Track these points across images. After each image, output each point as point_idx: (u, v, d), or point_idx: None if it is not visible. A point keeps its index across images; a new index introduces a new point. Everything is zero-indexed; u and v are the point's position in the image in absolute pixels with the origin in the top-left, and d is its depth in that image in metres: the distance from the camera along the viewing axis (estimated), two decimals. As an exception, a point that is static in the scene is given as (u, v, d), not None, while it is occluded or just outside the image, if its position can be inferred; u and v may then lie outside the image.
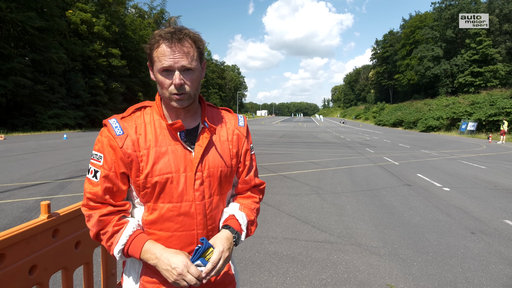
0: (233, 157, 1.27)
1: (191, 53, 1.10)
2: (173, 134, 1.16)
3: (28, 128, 27.91)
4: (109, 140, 1.13)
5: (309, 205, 6.01)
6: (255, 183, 1.35)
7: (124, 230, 1.11)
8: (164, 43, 1.07)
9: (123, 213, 1.17)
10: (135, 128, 1.16)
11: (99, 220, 1.11)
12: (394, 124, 53.60)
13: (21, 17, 25.99)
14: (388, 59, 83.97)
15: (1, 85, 25.38)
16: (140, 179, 1.12)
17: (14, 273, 1.43)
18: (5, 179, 7.49)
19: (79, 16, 34.69)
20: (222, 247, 1.12)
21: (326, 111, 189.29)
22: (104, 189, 1.12)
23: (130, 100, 45.42)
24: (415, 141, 24.54)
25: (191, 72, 1.11)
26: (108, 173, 1.12)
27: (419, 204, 6.32)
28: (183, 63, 1.08)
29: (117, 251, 1.11)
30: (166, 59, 1.07)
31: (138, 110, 1.23)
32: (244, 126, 1.34)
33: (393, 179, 8.85)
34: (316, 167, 10.46)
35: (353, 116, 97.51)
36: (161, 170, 1.12)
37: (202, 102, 1.27)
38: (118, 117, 1.18)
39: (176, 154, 1.15)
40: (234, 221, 1.22)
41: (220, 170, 1.21)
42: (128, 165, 1.13)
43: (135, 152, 1.12)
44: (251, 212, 1.29)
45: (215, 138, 1.23)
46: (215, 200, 1.21)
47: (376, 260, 3.79)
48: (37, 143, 16.98)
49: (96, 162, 1.14)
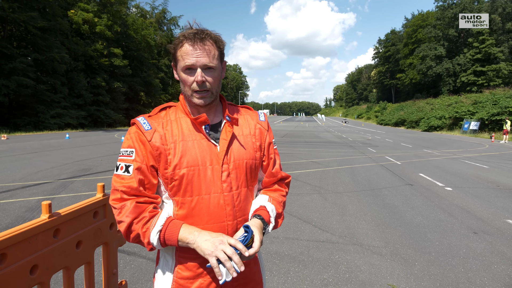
0: (257, 150, 1.31)
1: (212, 52, 1.16)
2: (198, 128, 1.21)
3: (30, 127, 28.02)
4: (138, 135, 1.18)
5: (310, 205, 6.01)
6: (281, 176, 1.39)
7: (161, 214, 1.14)
8: (187, 43, 1.14)
9: (155, 204, 1.18)
10: (162, 124, 1.21)
11: (136, 206, 1.12)
12: (396, 123, 53.45)
13: (24, 17, 26.08)
14: (390, 58, 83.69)
15: (3, 85, 25.45)
16: (168, 171, 1.16)
17: (15, 272, 1.43)
18: (8, 179, 7.52)
19: (81, 16, 34.78)
20: (261, 237, 1.15)
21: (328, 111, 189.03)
22: (138, 181, 1.14)
23: (132, 100, 45.51)
24: (417, 140, 24.47)
25: (212, 70, 1.17)
26: (140, 165, 1.16)
27: (421, 203, 6.31)
28: (205, 61, 1.14)
29: (154, 233, 1.10)
30: (188, 57, 1.13)
31: (163, 109, 1.28)
32: (265, 121, 1.39)
33: (395, 178, 8.83)
34: (318, 167, 10.45)
35: (355, 116, 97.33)
36: (188, 163, 1.16)
37: (223, 101, 1.33)
38: (145, 116, 1.24)
39: (202, 147, 1.19)
40: (265, 211, 1.25)
41: (246, 162, 1.24)
42: (156, 158, 1.16)
43: (163, 146, 1.17)
44: (279, 205, 1.31)
45: (238, 132, 1.28)
46: (243, 192, 1.24)
47: (377, 260, 3.78)
48: (40, 142, 17.04)
49: (127, 157, 1.17)
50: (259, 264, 1.37)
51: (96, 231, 2.08)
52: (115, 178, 1.18)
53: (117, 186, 1.15)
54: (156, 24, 56.34)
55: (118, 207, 1.13)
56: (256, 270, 1.33)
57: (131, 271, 3.37)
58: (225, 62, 1.28)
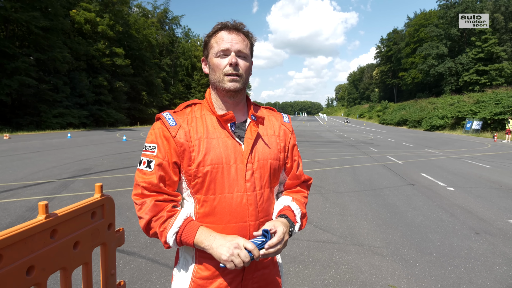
0: (281, 151, 1.30)
1: (246, 42, 1.21)
2: (223, 126, 1.21)
3: (32, 127, 28.11)
4: (162, 131, 1.18)
5: (311, 205, 5.98)
6: (304, 179, 1.39)
7: (179, 215, 1.13)
8: (223, 30, 1.20)
9: (175, 203, 1.18)
10: (187, 120, 1.21)
11: (154, 205, 1.13)
12: (398, 123, 53.32)
13: (26, 17, 26.16)
14: (392, 58, 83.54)
15: (6, 84, 25.55)
16: (192, 168, 1.15)
17: (11, 274, 1.42)
18: (9, 178, 7.53)
19: (83, 16, 34.89)
20: (284, 228, 1.13)
21: (330, 110, 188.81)
22: (159, 177, 1.14)
23: (134, 99, 45.60)
24: (420, 140, 24.39)
25: (245, 59, 1.20)
26: (162, 161, 1.16)
27: (422, 203, 6.27)
28: (238, 47, 1.18)
29: (171, 234, 1.11)
30: (224, 42, 1.17)
31: (188, 106, 1.28)
32: (289, 122, 1.40)
33: (396, 178, 8.79)
34: (319, 166, 10.42)
35: (357, 115, 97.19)
36: (213, 160, 1.15)
37: (248, 100, 1.34)
38: (170, 111, 1.24)
39: (226, 145, 1.18)
40: (290, 211, 1.24)
41: (270, 162, 1.24)
42: (180, 154, 1.16)
43: (187, 142, 1.16)
44: (302, 206, 1.31)
45: (262, 132, 1.27)
46: (266, 193, 1.23)
47: (378, 260, 3.76)
48: (42, 142, 17.08)
49: (150, 153, 1.18)
50: (278, 266, 1.35)
51: (94, 232, 2.06)
52: (137, 172, 1.19)
53: (139, 181, 1.16)
54: (158, 24, 56.41)
55: (139, 203, 1.15)
56: (275, 272, 1.32)
57: (131, 271, 3.36)
58: (252, 62, 1.28)
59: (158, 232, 1.13)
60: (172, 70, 60.97)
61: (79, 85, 34.03)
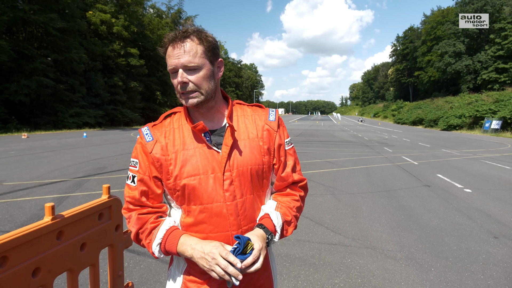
0: (265, 153, 1.23)
1: (194, 50, 1.10)
2: (198, 136, 1.18)
3: (50, 126, 28.74)
4: (142, 147, 1.19)
5: (323, 206, 5.90)
6: (293, 180, 1.29)
7: (161, 226, 1.14)
8: (170, 46, 1.12)
9: (160, 213, 1.20)
10: (165, 134, 1.20)
11: (138, 218, 1.16)
12: (414, 122, 52.45)
13: (44, 19, 26.73)
14: (408, 56, 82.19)
15: (25, 85, 26.18)
16: (170, 182, 1.15)
17: (17, 275, 1.42)
18: (26, 177, 7.69)
19: (99, 17, 35.43)
20: (260, 244, 1.08)
21: (344, 109, 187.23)
22: (140, 192, 1.17)
23: (148, 99, 46.11)
24: (436, 140, 23.89)
25: (196, 70, 1.11)
26: (142, 177, 1.18)
27: (438, 206, 6.11)
28: (183, 61, 1.09)
29: (155, 246, 1.13)
30: (170, 60, 1.11)
31: (168, 116, 1.27)
32: (275, 120, 1.29)
33: (411, 179, 8.60)
34: (332, 167, 10.30)
35: (372, 115, 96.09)
36: (189, 173, 1.14)
37: (229, 101, 1.28)
38: (150, 125, 1.24)
39: (203, 155, 1.15)
40: (268, 220, 1.19)
41: (250, 168, 1.18)
42: (158, 169, 1.17)
43: (163, 156, 1.16)
44: (288, 211, 1.24)
45: (243, 136, 1.21)
46: (249, 200, 1.19)
47: (391, 264, 3.66)
48: (58, 141, 17.43)
49: (133, 168, 1.21)
50: (270, 269, 1.32)
51: (101, 233, 2.06)
52: (125, 187, 1.23)
53: (125, 195, 1.21)
54: (172, 24, 56.86)
55: (127, 217, 1.20)
56: (266, 276, 1.28)
57: (140, 272, 3.36)
58: (221, 61, 1.21)
59: (145, 244, 1.16)
60: (186, 70, 61.36)
61: (95, 85, 34.60)
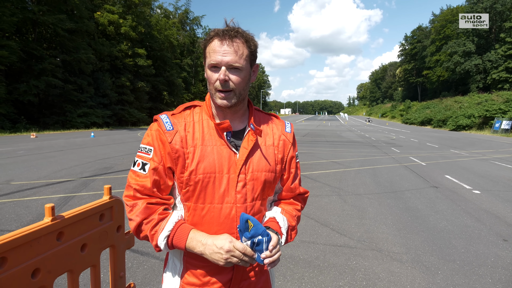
0: (278, 162, 1.25)
1: (241, 51, 1.10)
2: (219, 134, 1.17)
3: (58, 126, 29.06)
4: (159, 134, 1.14)
5: (329, 207, 5.85)
6: (299, 192, 1.33)
7: (170, 218, 1.11)
8: (216, 38, 1.10)
9: (167, 206, 1.17)
10: (184, 125, 1.17)
11: (146, 207, 1.10)
12: (422, 122, 51.96)
13: (52, 20, 27.05)
14: (416, 56, 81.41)
15: (34, 85, 26.52)
16: (185, 175, 1.13)
17: (16, 276, 1.40)
18: (33, 176, 7.77)
19: (107, 18, 35.75)
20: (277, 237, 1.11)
21: (351, 109, 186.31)
22: (153, 181, 1.12)
23: (155, 99, 46.37)
24: (444, 140, 23.61)
25: (238, 71, 1.11)
26: (157, 166, 1.13)
27: (446, 207, 6.02)
28: (230, 60, 1.08)
29: (162, 238, 1.09)
30: (215, 54, 1.09)
31: (188, 108, 1.24)
32: (291, 132, 1.32)
33: (419, 180, 8.50)
34: (338, 167, 10.23)
35: (379, 115, 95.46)
36: (205, 169, 1.12)
37: (250, 106, 1.28)
38: (168, 113, 1.19)
39: (221, 154, 1.14)
40: (275, 223, 1.20)
41: (264, 174, 1.19)
42: (174, 160, 1.13)
43: (182, 149, 1.13)
44: (292, 218, 1.26)
45: (260, 142, 1.22)
46: (257, 205, 1.19)
47: (397, 267, 3.60)
48: (66, 141, 17.60)
49: (145, 155, 1.15)
50: (268, 274, 1.30)
51: (102, 234, 2.05)
52: (131, 174, 1.16)
53: (131, 183, 1.14)
54: (179, 24, 57.12)
55: (130, 205, 1.13)
56: (265, 280, 1.27)
57: (144, 272, 3.35)
58: (257, 65, 1.22)
59: (149, 235, 1.11)
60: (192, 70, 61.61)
61: (102, 85, 34.89)
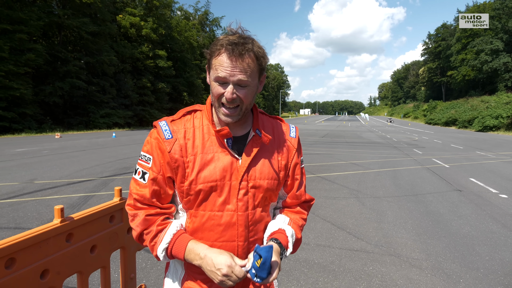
0: (281, 169, 1.21)
1: (251, 68, 1.05)
2: (220, 141, 1.13)
3: (82, 127, 29.94)
4: (158, 143, 1.12)
5: (346, 210, 5.73)
6: (305, 199, 1.30)
7: (168, 229, 1.10)
8: (225, 53, 1.03)
9: (167, 215, 1.15)
10: (184, 132, 1.13)
11: (145, 219, 1.10)
12: (446, 123, 50.49)
13: (77, 23, 27.93)
14: (441, 54, 79.08)
15: (59, 87, 27.45)
16: (185, 185, 1.11)
17: (25, 277, 1.42)
18: (55, 175, 7.99)
19: (128, 20, 36.53)
20: (278, 260, 1.07)
21: (373, 110, 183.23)
22: (152, 192, 1.11)
23: (175, 100, 47.02)
24: (470, 141, 22.82)
25: (246, 88, 1.07)
26: (156, 176, 1.11)
27: (470, 212, 5.78)
28: (240, 78, 1.03)
29: (161, 250, 1.08)
30: (223, 70, 1.03)
31: (188, 113, 1.20)
32: (296, 137, 1.28)
33: (441, 183, 8.22)
34: (357, 169, 10.03)
35: (401, 115, 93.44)
36: (206, 178, 1.10)
37: (255, 109, 1.23)
38: (168, 119, 1.17)
39: (223, 161, 1.12)
40: (283, 236, 1.16)
41: (267, 182, 1.16)
42: (174, 170, 1.11)
43: (182, 158, 1.11)
44: (298, 230, 1.23)
45: (264, 148, 1.18)
46: (258, 213, 1.17)
47: (416, 274, 3.47)
48: (88, 141, 18.08)
49: (145, 163, 1.13)
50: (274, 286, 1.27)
51: (112, 236, 2.05)
52: (132, 181, 1.16)
53: (132, 191, 1.14)
54: (199, 26, 57.71)
55: (131, 214, 1.13)
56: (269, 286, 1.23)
57: (157, 273, 3.37)
58: (264, 76, 1.16)
59: (149, 246, 1.11)
60: (212, 71, 62.08)
61: (124, 87, 35.69)
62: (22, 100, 25.05)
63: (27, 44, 24.94)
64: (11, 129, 24.04)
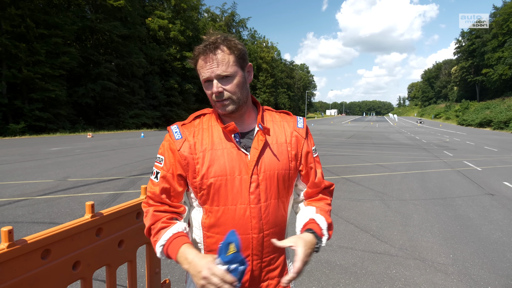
0: (292, 159, 1.25)
1: (226, 59, 1.13)
2: (228, 136, 1.19)
3: (112, 127, 31.02)
4: (169, 144, 1.20)
5: (370, 212, 5.64)
6: (325, 185, 1.33)
7: (170, 228, 1.14)
8: (200, 57, 1.15)
9: (175, 215, 1.21)
10: (194, 133, 1.21)
11: (153, 215, 1.17)
12: (480, 124, 48.31)
13: (108, 27, 29.00)
14: (475, 52, 75.72)
15: (91, 88, 28.59)
16: (197, 180, 1.16)
17: (59, 267, 1.53)
18: (87, 174, 8.36)
19: (157, 23, 37.50)
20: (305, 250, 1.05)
21: (402, 110, 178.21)
22: (161, 189, 1.18)
23: (202, 101, 47.75)
24: (505, 143, 21.74)
25: (230, 78, 1.14)
26: (165, 174, 1.19)
27: (502, 217, 5.54)
28: (218, 71, 1.12)
29: (158, 246, 1.14)
30: (204, 71, 1.14)
31: (197, 117, 1.29)
32: (303, 127, 1.32)
33: (472, 186, 7.91)
34: (383, 171, 9.83)
35: (432, 116, 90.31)
36: (216, 172, 1.14)
37: (259, 107, 1.30)
38: (179, 123, 1.26)
39: (231, 156, 1.17)
40: (315, 225, 1.18)
41: (277, 173, 1.19)
42: (184, 167, 1.17)
43: (191, 155, 1.17)
44: (327, 215, 1.25)
45: (271, 141, 1.23)
46: (272, 204, 1.19)
47: (441, 279, 3.39)
48: (118, 141, 18.72)
49: (158, 164, 1.22)
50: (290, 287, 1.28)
51: (139, 231, 2.15)
52: (149, 181, 1.25)
53: (148, 190, 1.22)
54: (225, 27, 58.32)
55: (144, 211, 1.21)
56: None
57: (181, 270, 3.47)
58: (250, 65, 1.24)
59: (152, 241, 1.17)
60: (237, 72, 62.58)
61: (152, 88, 36.67)
62: (57, 101, 26.34)
63: (62, 47, 26.16)
64: (46, 129, 25.33)
